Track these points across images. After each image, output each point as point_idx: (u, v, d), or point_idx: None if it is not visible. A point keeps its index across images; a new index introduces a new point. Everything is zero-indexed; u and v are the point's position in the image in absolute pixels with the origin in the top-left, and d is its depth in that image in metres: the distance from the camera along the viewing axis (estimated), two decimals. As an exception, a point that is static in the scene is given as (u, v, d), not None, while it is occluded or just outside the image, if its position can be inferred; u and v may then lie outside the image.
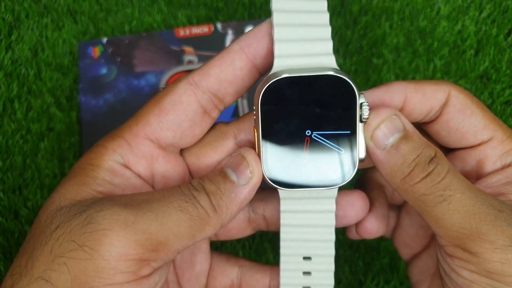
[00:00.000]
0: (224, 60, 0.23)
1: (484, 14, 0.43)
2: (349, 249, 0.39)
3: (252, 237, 0.40)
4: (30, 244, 0.21)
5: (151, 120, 0.24)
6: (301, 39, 0.22)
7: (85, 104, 0.42)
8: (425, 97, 0.24)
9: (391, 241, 0.39)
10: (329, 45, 0.22)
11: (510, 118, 0.41)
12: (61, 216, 0.21)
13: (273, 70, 0.22)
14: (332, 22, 0.43)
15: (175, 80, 0.24)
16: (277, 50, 0.22)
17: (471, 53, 0.42)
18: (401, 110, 0.24)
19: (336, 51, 0.43)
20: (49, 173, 0.42)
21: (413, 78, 0.42)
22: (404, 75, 0.42)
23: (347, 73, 0.26)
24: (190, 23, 0.44)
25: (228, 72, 0.23)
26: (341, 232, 0.40)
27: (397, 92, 0.24)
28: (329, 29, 0.22)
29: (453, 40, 0.42)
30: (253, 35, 0.23)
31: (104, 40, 0.44)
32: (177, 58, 0.43)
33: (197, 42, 0.43)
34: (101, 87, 0.43)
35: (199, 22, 0.44)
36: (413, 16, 0.43)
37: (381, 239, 0.39)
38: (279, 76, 0.22)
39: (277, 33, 0.22)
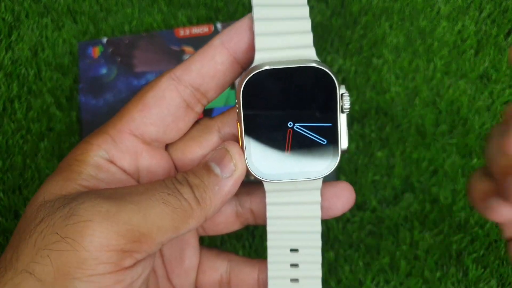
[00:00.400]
0: (205, 55, 0.23)
1: (484, 14, 0.43)
2: (349, 249, 0.39)
3: (252, 236, 0.40)
4: (16, 238, 0.22)
5: (134, 115, 0.24)
6: (282, 33, 0.22)
7: (85, 104, 0.42)
8: None
9: (391, 241, 0.39)
10: (309, 37, 0.22)
11: (510, 118, 0.41)
12: (45, 210, 0.21)
13: (254, 63, 0.23)
14: (332, 22, 0.43)
15: (158, 76, 0.24)
16: (258, 44, 0.22)
17: (471, 53, 0.42)
18: None
19: (336, 51, 0.43)
20: (49, 173, 0.42)
21: (413, 78, 0.42)
22: (404, 75, 0.42)
23: (328, 65, 0.26)
24: (190, 23, 0.45)
25: (209, 66, 0.23)
26: (340, 233, 0.40)
27: None
28: (309, 22, 0.22)
29: (453, 40, 0.42)
30: (234, 29, 0.23)
31: (104, 40, 0.44)
32: (177, 58, 0.43)
33: (197, 42, 0.43)
34: (101, 87, 0.43)
35: (199, 22, 0.44)
36: (413, 16, 0.43)
37: (381, 238, 0.39)
38: (260, 68, 0.22)
39: (258, 27, 0.22)
